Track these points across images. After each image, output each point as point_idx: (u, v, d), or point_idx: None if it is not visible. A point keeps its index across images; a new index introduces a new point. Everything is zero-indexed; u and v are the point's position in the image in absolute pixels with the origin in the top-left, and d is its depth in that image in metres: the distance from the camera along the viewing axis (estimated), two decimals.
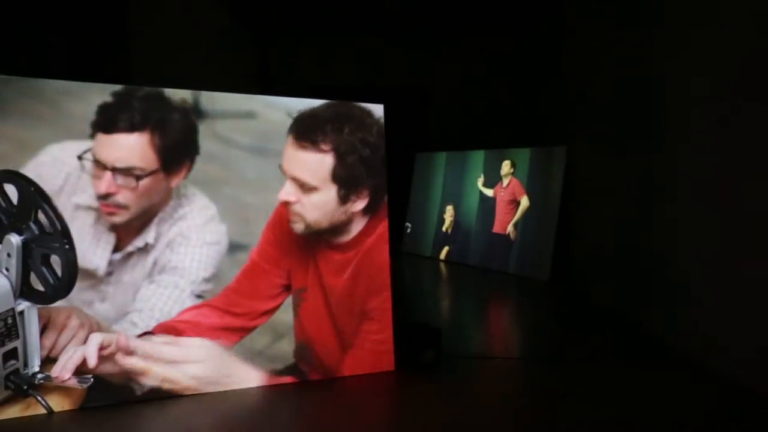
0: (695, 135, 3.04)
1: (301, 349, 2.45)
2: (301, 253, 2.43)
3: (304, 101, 2.52)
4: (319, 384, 2.44)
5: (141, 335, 2.20)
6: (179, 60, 4.51)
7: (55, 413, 2.03)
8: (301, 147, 2.34)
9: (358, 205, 2.42)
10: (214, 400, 2.25)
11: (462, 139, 6.50)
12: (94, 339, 2.09)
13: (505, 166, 5.47)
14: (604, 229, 4.29)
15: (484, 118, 6.72)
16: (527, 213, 5.24)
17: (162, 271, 2.28)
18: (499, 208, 5.52)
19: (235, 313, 2.34)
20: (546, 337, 3.38)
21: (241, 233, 2.36)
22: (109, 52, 3.51)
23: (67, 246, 1.98)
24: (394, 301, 2.58)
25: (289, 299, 2.42)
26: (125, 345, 2.13)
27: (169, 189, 2.29)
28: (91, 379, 2.06)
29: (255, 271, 2.38)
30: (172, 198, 2.30)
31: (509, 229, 5.36)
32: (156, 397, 2.19)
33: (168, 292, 2.27)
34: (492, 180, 5.63)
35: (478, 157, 5.84)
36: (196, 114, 2.31)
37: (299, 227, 2.37)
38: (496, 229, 5.49)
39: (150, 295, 2.25)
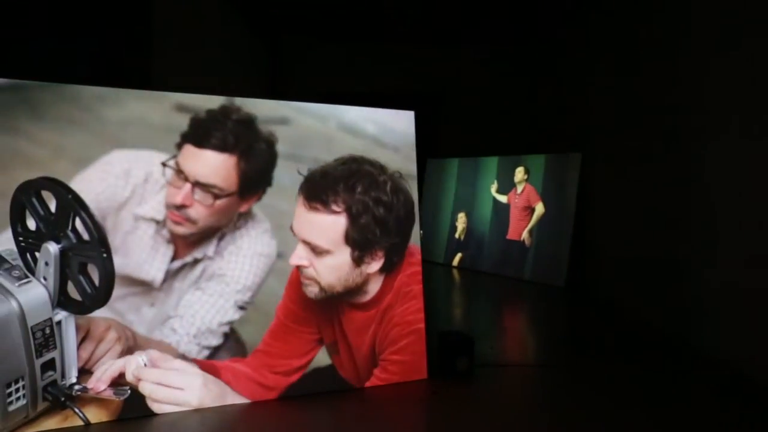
0: (714, 140, 3.02)
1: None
2: (326, 310, 2.34)
3: (335, 108, 2.50)
4: (353, 393, 2.38)
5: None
6: (194, 65, 4.48)
7: (92, 425, 1.98)
8: (312, 209, 2.21)
9: (373, 267, 2.30)
10: (248, 410, 2.20)
11: (474, 146, 6.47)
12: (134, 361, 2.03)
13: (519, 173, 5.43)
14: (621, 234, 4.25)
15: (497, 124, 6.68)
16: (542, 219, 5.21)
17: (209, 279, 2.23)
18: (514, 214, 5.47)
19: (269, 371, 2.26)
20: (572, 343, 3.34)
21: (278, 241, 2.32)
22: (131, 56, 3.49)
23: (104, 255, 1.92)
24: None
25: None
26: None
27: (237, 213, 2.27)
28: (128, 391, 2.00)
29: (283, 330, 2.31)
30: (235, 219, 2.29)
31: (524, 235, 5.32)
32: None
33: (212, 300, 2.22)
34: (505, 186, 5.59)
35: (491, 163, 5.80)
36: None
37: (312, 291, 2.25)
38: (511, 235, 5.45)
39: (194, 302, 2.20)
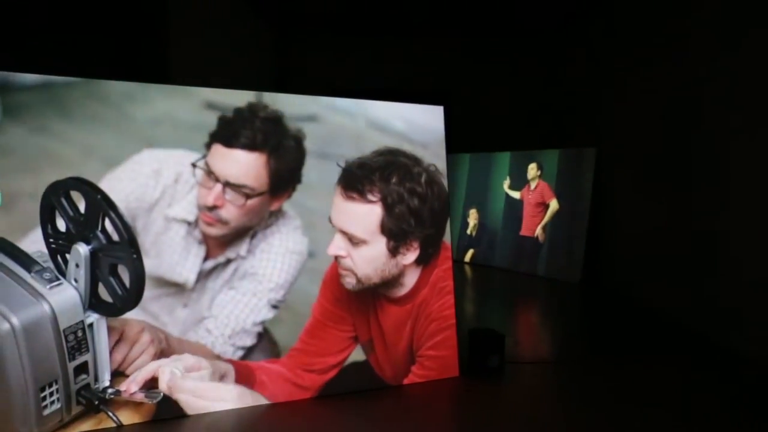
0: (737, 135, 2.97)
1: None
2: (362, 307, 2.32)
3: (363, 103, 2.44)
4: (386, 391, 2.34)
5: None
6: (204, 59, 4.41)
7: (125, 427, 1.92)
8: (348, 198, 2.18)
9: (409, 258, 2.26)
10: (283, 409, 2.16)
11: (485, 141, 6.39)
12: (168, 369, 1.99)
13: (532, 170, 5.36)
14: (637, 230, 4.20)
15: (509, 120, 6.58)
16: (556, 215, 5.15)
17: (242, 278, 2.18)
18: (527, 210, 5.41)
19: (305, 370, 2.24)
20: (597, 340, 3.29)
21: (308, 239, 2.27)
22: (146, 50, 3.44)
23: (134, 255, 1.87)
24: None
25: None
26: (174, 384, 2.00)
27: (269, 211, 2.22)
28: (161, 395, 1.96)
29: (319, 328, 2.28)
30: (266, 218, 2.24)
31: (538, 231, 5.26)
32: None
33: (246, 299, 2.17)
34: (518, 182, 5.53)
35: (504, 159, 5.74)
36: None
37: (350, 282, 2.23)
38: (524, 231, 5.39)
39: (227, 302, 2.15)
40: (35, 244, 1.86)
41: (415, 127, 2.51)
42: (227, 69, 4.64)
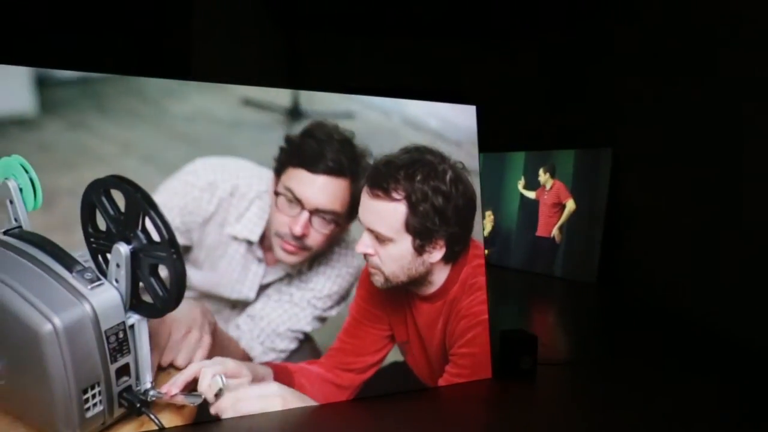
0: (752, 132, 2.93)
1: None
2: (397, 305, 2.28)
3: (397, 102, 2.40)
4: (421, 393, 2.30)
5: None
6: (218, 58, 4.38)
7: (167, 429, 1.87)
8: (374, 196, 2.15)
9: (435, 256, 2.22)
10: (321, 412, 2.10)
11: (499, 141, 6.33)
12: (209, 375, 1.94)
13: (542, 174, 5.33)
14: (654, 230, 4.17)
15: (523, 119, 6.53)
16: (572, 215, 5.11)
17: (290, 284, 2.15)
18: (543, 211, 5.37)
19: (343, 369, 2.20)
20: (620, 339, 3.26)
21: None
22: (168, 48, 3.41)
23: (174, 256, 1.82)
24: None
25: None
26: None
27: (331, 248, 2.19)
28: (202, 397, 1.92)
29: (356, 327, 2.25)
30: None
31: (554, 232, 5.22)
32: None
33: (286, 306, 2.12)
34: (533, 182, 5.49)
35: (518, 159, 5.70)
36: (294, 115, 2.19)
37: (378, 280, 2.19)
38: (540, 232, 5.35)
39: (268, 303, 2.12)
40: (75, 246, 1.81)
41: (450, 126, 2.47)
42: (243, 68, 4.61)
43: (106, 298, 1.76)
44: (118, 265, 1.81)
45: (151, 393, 1.82)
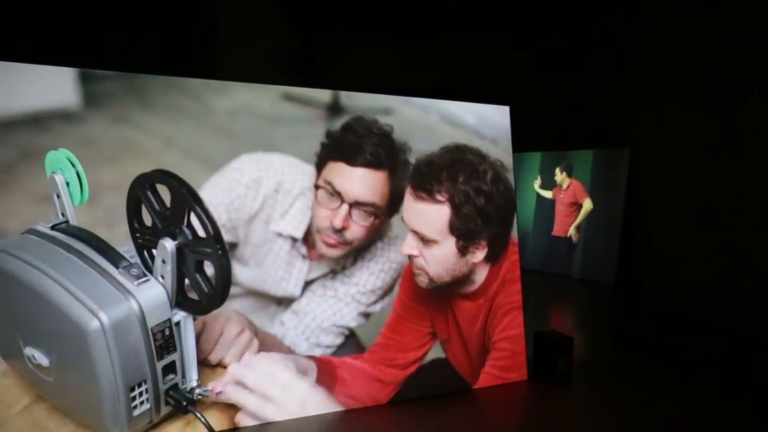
0: None
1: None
2: (440, 303, 2.26)
3: (434, 100, 2.37)
4: (456, 395, 2.27)
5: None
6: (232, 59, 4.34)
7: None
8: (418, 198, 2.13)
9: (478, 256, 2.21)
10: (360, 415, 2.07)
11: (515, 141, 6.21)
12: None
13: (559, 174, 5.30)
14: (673, 231, 4.13)
15: (540, 119, 6.46)
16: (590, 215, 5.07)
17: (334, 279, 2.11)
18: (559, 210, 5.33)
19: (386, 365, 2.17)
20: (644, 340, 3.22)
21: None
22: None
23: (220, 252, 1.78)
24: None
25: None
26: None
27: (374, 243, 2.16)
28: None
29: (399, 323, 2.22)
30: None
31: (571, 231, 5.18)
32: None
33: (331, 302, 2.08)
34: (550, 182, 5.46)
35: (534, 159, 5.66)
36: (334, 111, 2.16)
37: (423, 281, 2.18)
38: (556, 232, 5.31)
39: (314, 299, 2.09)
40: (121, 241, 1.78)
41: (486, 123, 2.44)
42: (262, 68, 4.58)
43: (152, 295, 1.72)
44: (163, 261, 1.77)
45: (197, 391, 1.78)
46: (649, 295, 4.28)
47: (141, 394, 1.68)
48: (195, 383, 1.79)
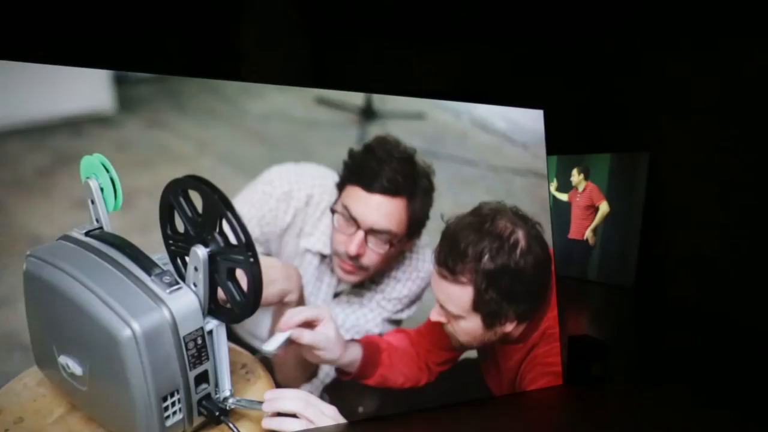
0: None
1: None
2: None
3: (466, 103, 2.32)
4: (493, 400, 2.24)
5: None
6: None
7: None
8: (441, 276, 2.06)
9: (507, 328, 2.13)
10: (397, 422, 2.03)
11: None
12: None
13: (576, 175, 5.23)
14: (693, 234, 4.07)
15: (558, 123, 6.35)
16: (607, 218, 5.01)
17: (361, 286, 2.07)
18: (575, 213, 5.26)
19: (427, 351, 2.13)
20: (675, 344, 3.17)
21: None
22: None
23: (251, 259, 1.75)
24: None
25: None
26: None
27: (404, 253, 2.09)
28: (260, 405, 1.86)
29: (436, 327, 2.16)
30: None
31: (587, 234, 5.12)
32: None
33: (362, 311, 2.05)
34: (566, 185, 5.39)
35: (550, 162, 5.58)
36: (368, 115, 2.11)
37: (454, 342, 2.12)
38: (573, 234, 5.24)
39: (343, 309, 2.04)
40: (154, 248, 1.74)
41: (517, 128, 2.38)
42: (284, 68, 4.51)
43: (184, 303, 1.68)
44: (195, 269, 1.72)
45: (230, 401, 1.74)
46: (670, 299, 4.22)
47: (173, 404, 1.64)
48: (228, 393, 1.75)
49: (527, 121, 2.41)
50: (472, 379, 2.24)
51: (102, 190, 1.66)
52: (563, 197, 5.33)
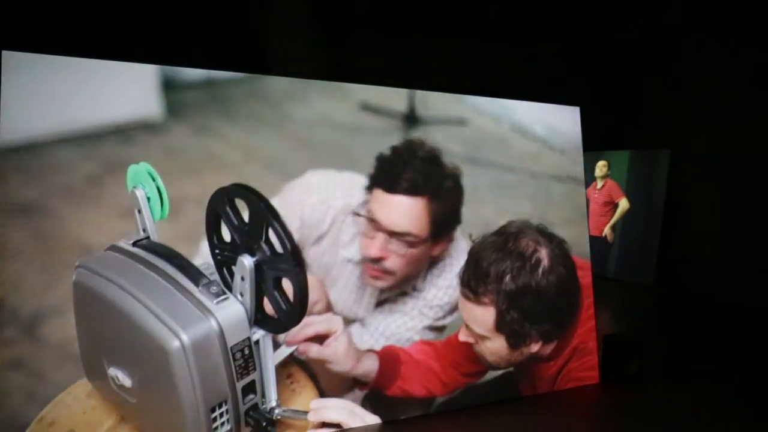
0: None
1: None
2: None
3: (505, 106, 2.27)
4: (530, 399, 2.21)
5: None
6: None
7: None
8: (465, 297, 2.02)
9: (533, 348, 2.08)
10: (430, 422, 2.00)
11: None
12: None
13: (603, 168, 5.16)
14: (714, 232, 4.03)
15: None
16: (627, 215, 4.96)
17: (404, 295, 2.02)
18: (594, 210, 5.19)
19: (452, 366, 2.08)
20: (696, 342, 3.14)
21: None
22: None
23: (298, 268, 1.71)
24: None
25: None
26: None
27: (432, 257, 2.00)
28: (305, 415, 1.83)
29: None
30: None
31: (606, 231, 5.08)
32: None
33: (403, 319, 2.01)
34: (585, 182, 5.31)
35: None
36: (410, 121, 2.06)
37: (484, 362, 2.09)
38: (591, 231, 5.18)
39: (385, 316, 2.01)
40: (202, 258, 1.70)
41: (554, 133, 2.32)
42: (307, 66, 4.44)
43: (231, 313, 1.63)
44: (242, 278, 1.68)
45: (276, 411, 1.71)
46: (693, 295, 4.19)
47: (222, 415, 1.60)
48: (274, 403, 1.71)
49: (564, 125, 2.35)
50: (508, 380, 2.20)
51: (148, 199, 1.61)
52: None
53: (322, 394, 1.82)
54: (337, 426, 1.77)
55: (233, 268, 1.68)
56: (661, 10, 4.95)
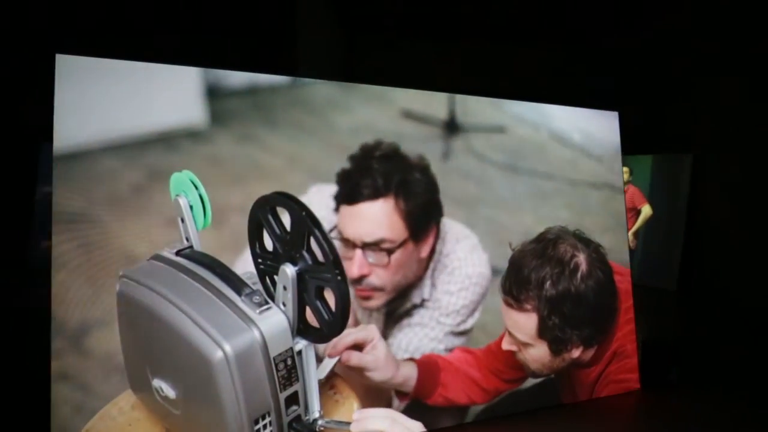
0: None
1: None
2: None
3: (543, 112, 2.21)
4: (567, 407, 2.17)
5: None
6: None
7: None
8: (507, 304, 1.98)
9: (574, 354, 2.04)
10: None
11: None
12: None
13: (624, 174, 5.07)
14: (741, 237, 3.94)
15: None
16: (649, 221, 4.87)
17: (419, 307, 1.94)
18: None
19: (492, 372, 2.02)
20: (724, 348, 3.07)
21: (499, 256, 1.97)
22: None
23: (339, 277, 1.66)
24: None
25: None
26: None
27: (421, 259, 1.90)
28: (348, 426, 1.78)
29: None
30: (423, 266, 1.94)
31: (629, 237, 4.99)
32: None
33: (423, 331, 1.94)
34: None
35: None
36: (451, 128, 2.00)
37: (527, 370, 2.06)
38: None
39: (405, 331, 1.92)
40: (244, 267, 1.65)
41: (592, 140, 2.25)
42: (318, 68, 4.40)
43: (274, 323, 1.58)
44: (284, 288, 1.62)
45: (319, 422, 1.65)
46: (718, 301, 4.10)
47: (265, 427, 1.55)
48: (317, 414, 1.66)
49: (602, 130, 2.29)
50: (549, 388, 2.15)
51: (191, 207, 1.57)
52: None
53: (365, 404, 1.77)
54: None
55: (275, 277, 1.63)
56: (675, 13, 4.85)
